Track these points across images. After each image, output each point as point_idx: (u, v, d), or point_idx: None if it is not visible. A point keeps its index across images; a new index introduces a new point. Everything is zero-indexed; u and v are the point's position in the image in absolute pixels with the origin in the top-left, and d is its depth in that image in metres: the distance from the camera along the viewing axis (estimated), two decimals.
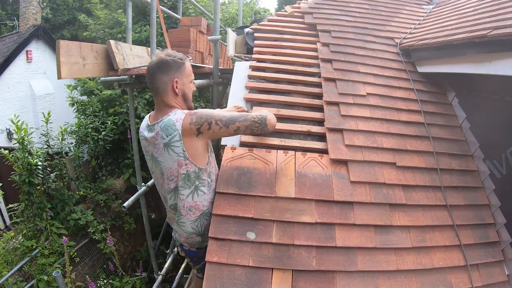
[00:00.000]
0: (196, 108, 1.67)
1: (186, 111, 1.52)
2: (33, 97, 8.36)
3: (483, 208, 1.94)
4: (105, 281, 4.07)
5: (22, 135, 3.68)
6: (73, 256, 3.77)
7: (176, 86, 1.52)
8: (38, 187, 3.80)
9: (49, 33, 9.06)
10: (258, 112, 1.61)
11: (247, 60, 2.57)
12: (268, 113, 1.61)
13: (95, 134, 4.98)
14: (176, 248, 3.73)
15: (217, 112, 1.51)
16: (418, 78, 2.52)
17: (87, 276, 3.45)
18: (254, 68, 2.42)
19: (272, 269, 1.46)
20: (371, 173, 1.83)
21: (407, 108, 2.26)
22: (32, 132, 3.85)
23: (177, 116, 1.47)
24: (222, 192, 1.64)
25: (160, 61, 1.50)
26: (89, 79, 5.52)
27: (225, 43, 4.19)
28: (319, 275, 1.47)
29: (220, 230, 1.53)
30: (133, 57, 2.61)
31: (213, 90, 2.91)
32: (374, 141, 1.99)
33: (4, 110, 7.51)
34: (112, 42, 2.27)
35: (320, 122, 2.06)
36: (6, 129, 7.47)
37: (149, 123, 1.58)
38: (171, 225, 1.77)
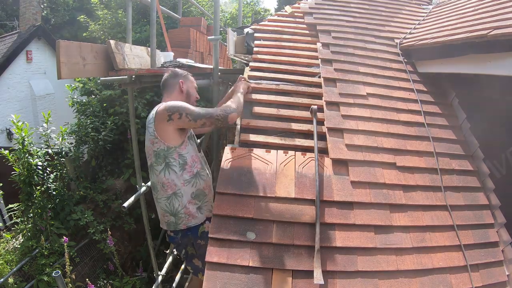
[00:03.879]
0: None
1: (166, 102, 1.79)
2: (33, 97, 8.35)
3: (483, 208, 1.94)
4: (105, 281, 4.07)
5: (22, 135, 3.67)
6: (73, 256, 3.76)
7: (182, 86, 1.96)
8: (38, 187, 3.80)
9: (49, 33, 9.05)
10: (224, 107, 1.79)
11: (247, 60, 2.57)
12: (232, 110, 1.78)
13: (95, 134, 4.98)
14: (176, 248, 3.73)
15: (190, 107, 1.75)
16: (418, 78, 2.52)
17: (87, 279, 3.44)
18: (254, 68, 2.42)
19: (272, 269, 1.46)
20: (371, 173, 1.83)
21: (407, 108, 2.26)
22: (32, 132, 3.85)
23: (160, 104, 1.78)
24: (222, 192, 1.64)
25: (173, 71, 2.03)
26: (89, 79, 5.51)
27: (225, 43, 4.19)
28: None
29: (220, 230, 1.53)
30: (133, 57, 2.60)
31: (213, 90, 2.91)
32: (374, 141, 1.99)
33: (4, 110, 7.50)
34: (112, 42, 2.26)
35: (320, 122, 2.06)
36: (6, 129, 7.47)
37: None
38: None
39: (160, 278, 3.40)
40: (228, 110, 1.77)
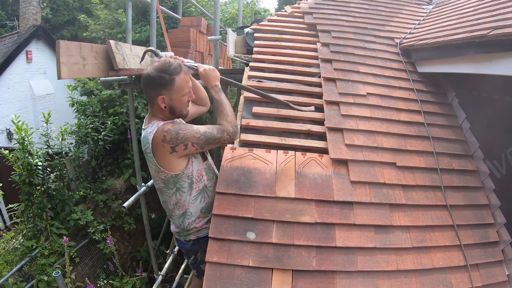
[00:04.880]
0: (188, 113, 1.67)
1: (162, 124, 1.50)
2: (33, 97, 8.35)
3: (483, 208, 1.94)
4: (105, 281, 4.07)
5: (22, 135, 3.67)
6: (73, 256, 3.76)
7: (163, 102, 1.50)
8: (38, 187, 3.80)
9: (49, 33, 9.04)
10: (226, 127, 1.60)
11: (247, 60, 2.57)
12: (235, 129, 1.63)
13: (95, 134, 4.97)
14: (176, 248, 3.73)
15: (192, 133, 1.50)
16: (418, 78, 2.52)
17: (87, 278, 3.44)
18: (254, 68, 2.42)
19: (272, 269, 1.46)
20: (371, 173, 1.83)
21: (407, 108, 2.26)
22: (32, 133, 3.84)
23: (153, 129, 1.49)
24: (222, 192, 1.64)
25: (147, 75, 1.49)
26: (89, 79, 5.51)
27: (225, 43, 4.19)
28: (319, 275, 1.47)
29: (220, 230, 1.53)
30: (133, 57, 2.60)
31: None
32: (374, 141, 1.99)
33: (4, 110, 7.50)
34: (112, 42, 2.26)
35: (320, 122, 2.06)
36: (6, 129, 7.46)
37: (142, 127, 1.63)
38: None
39: (160, 278, 3.40)
40: (231, 130, 1.60)
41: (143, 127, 1.61)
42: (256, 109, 2.08)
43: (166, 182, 1.59)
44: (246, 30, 2.90)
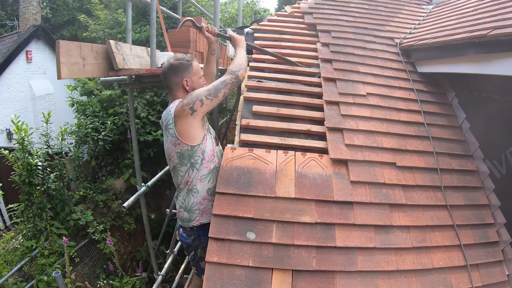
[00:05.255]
0: None
1: (179, 100, 1.70)
2: (33, 97, 8.35)
3: (483, 208, 1.94)
4: (105, 281, 4.07)
5: (22, 135, 3.67)
6: (73, 256, 3.76)
7: (187, 85, 1.75)
8: (38, 187, 3.80)
9: (49, 33, 9.05)
10: (231, 69, 1.79)
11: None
12: (238, 67, 1.80)
13: (95, 134, 4.98)
14: (176, 248, 3.73)
15: (204, 89, 1.70)
16: (418, 78, 2.52)
17: (86, 281, 3.44)
18: (254, 68, 2.42)
19: (272, 269, 1.46)
20: (371, 173, 1.83)
21: (407, 108, 2.26)
22: (32, 132, 3.85)
23: (173, 105, 1.70)
24: (222, 192, 1.64)
25: (170, 65, 1.76)
26: (89, 79, 5.51)
27: (225, 43, 4.19)
28: (319, 275, 1.47)
29: (220, 230, 1.53)
30: (133, 57, 2.60)
31: None
32: (374, 141, 1.99)
33: (4, 110, 7.50)
34: (112, 42, 2.26)
35: (320, 122, 2.06)
36: (6, 129, 7.46)
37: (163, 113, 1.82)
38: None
39: (160, 278, 3.40)
40: (235, 68, 1.79)
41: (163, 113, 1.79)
42: (256, 108, 2.09)
43: (181, 156, 1.70)
44: (246, 30, 2.90)
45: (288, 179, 1.72)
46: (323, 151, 1.90)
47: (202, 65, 2.02)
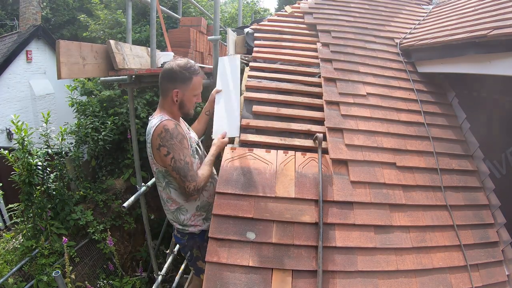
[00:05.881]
0: (193, 114, 1.77)
1: (166, 119, 1.60)
2: (33, 97, 8.35)
3: (483, 208, 1.94)
4: (105, 281, 4.07)
5: (22, 135, 3.67)
6: (73, 256, 3.76)
7: (176, 95, 1.65)
8: (38, 187, 3.80)
9: (49, 33, 9.05)
10: (200, 179, 1.63)
11: (247, 60, 2.57)
12: (204, 179, 1.65)
13: (95, 134, 4.98)
14: (176, 248, 3.73)
15: (180, 152, 1.57)
16: (418, 78, 2.52)
17: (86, 281, 3.44)
18: (254, 68, 2.42)
19: (272, 269, 1.46)
20: (371, 173, 1.83)
21: (407, 108, 2.26)
22: (32, 132, 3.85)
23: (156, 122, 1.59)
24: (222, 192, 1.64)
25: (170, 69, 1.65)
26: (88, 80, 5.52)
27: (225, 43, 4.19)
28: None
29: (220, 230, 1.53)
30: (133, 57, 2.60)
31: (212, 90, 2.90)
32: (374, 141, 1.99)
33: (4, 110, 7.50)
34: (112, 42, 2.26)
35: (320, 122, 2.06)
36: (6, 129, 7.47)
37: (149, 117, 1.74)
38: None
39: (160, 278, 3.40)
40: (199, 180, 1.63)
41: (150, 118, 1.71)
42: (256, 108, 2.08)
43: (157, 174, 1.69)
44: (246, 30, 2.90)
45: (288, 179, 1.72)
46: (323, 151, 1.90)
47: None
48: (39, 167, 3.78)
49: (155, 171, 1.69)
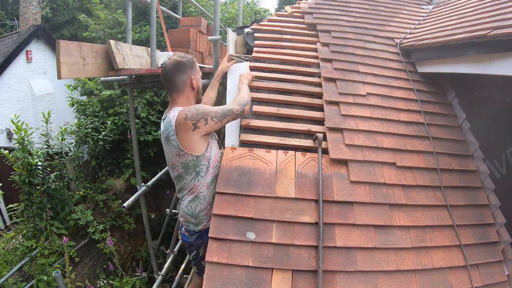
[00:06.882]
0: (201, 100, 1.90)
1: (181, 108, 1.65)
2: (33, 97, 8.35)
3: (483, 208, 1.94)
4: (105, 281, 4.07)
5: (22, 135, 3.67)
6: (73, 256, 3.76)
7: (193, 82, 1.75)
8: (38, 187, 3.80)
9: (49, 33, 9.04)
10: (238, 101, 1.83)
11: (246, 60, 2.56)
12: (246, 102, 1.85)
13: (95, 134, 4.98)
14: (176, 248, 3.73)
15: (212, 109, 1.68)
16: (418, 78, 2.52)
17: (86, 280, 3.44)
18: (254, 68, 2.42)
19: (272, 269, 1.46)
20: (371, 173, 1.83)
21: (407, 108, 2.26)
22: (32, 132, 3.85)
23: (174, 113, 1.64)
24: (222, 192, 1.64)
25: (178, 62, 1.73)
26: (89, 79, 5.52)
27: (225, 43, 4.19)
28: None
29: (220, 230, 1.53)
30: (133, 57, 2.60)
31: None
32: (374, 141, 1.99)
33: (4, 110, 7.50)
34: (112, 42, 2.26)
35: (320, 122, 2.06)
36: (6, 129, 7.46)
37: (162, 118, 1.78)
38: (177, 209, 1.92)
39: (160, 278, 3.40)
40: (243, 102, 1.81)
41: (163, 117, 1.76)
42: (256, 108, 2.08)
43: (186, 166, 1.68)
44: (246, 30, 2.90)
45: (288, 179, 1.72)
46: (323, 151, 1.90)
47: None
48: (39, 167, 3.78)
49: (183, 163, 1.67)
